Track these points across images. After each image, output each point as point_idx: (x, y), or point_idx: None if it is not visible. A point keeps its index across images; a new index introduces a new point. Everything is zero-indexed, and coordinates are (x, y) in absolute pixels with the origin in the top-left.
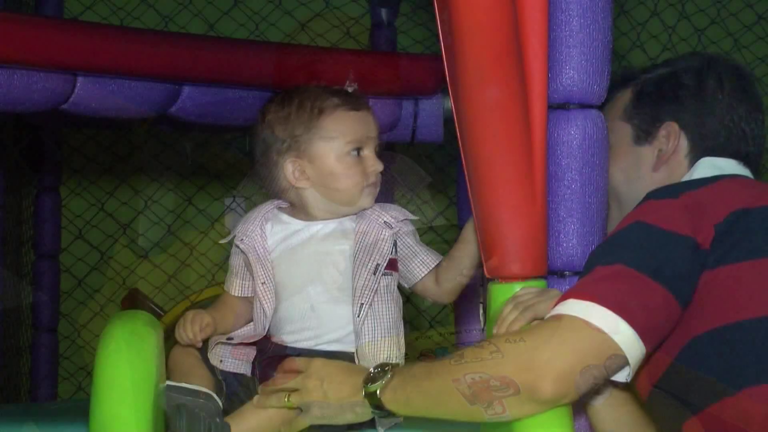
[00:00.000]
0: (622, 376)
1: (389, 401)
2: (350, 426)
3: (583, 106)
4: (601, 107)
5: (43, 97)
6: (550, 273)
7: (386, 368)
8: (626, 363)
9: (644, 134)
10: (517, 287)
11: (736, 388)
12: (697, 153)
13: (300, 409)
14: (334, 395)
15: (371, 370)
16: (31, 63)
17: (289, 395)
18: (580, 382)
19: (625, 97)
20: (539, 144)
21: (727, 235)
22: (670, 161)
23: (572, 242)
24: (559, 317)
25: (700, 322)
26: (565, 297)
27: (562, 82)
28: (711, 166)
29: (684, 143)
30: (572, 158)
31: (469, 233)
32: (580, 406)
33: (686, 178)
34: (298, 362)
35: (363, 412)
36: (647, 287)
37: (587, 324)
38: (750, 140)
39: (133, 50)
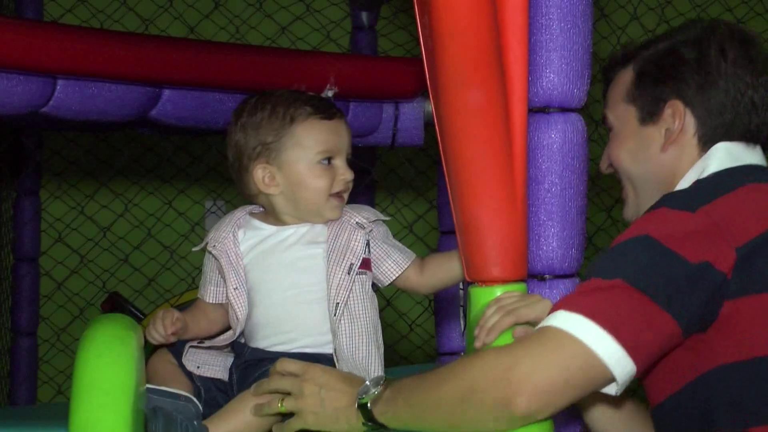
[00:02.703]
0: (611, 390)
1: (380, 414)
2: None
3: (564, 109)
4: (581, 110)
5: (23, 100)
6: (530, 276)
7: (381, 381)
8: (613, 379)
9: (649, 115)
10: (497, 290)
11: (743, 426)
12: (706, 130)
13: (281, 416)
14: (331, 404)
15: (366, 382)
16: (11, 66)
17: (282, 399)
18: (559, 398)
19: (626, 77)
20: (519, 147)
21: (750, 261)
22: (679, 141)
23: (552, 245)
24: (545, 329)
25: (717, 354)
26: (556, 307)
27: (542, 85)
28: (727, 155)
29: (691, 120)
30: (552, 161)
31: None
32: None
33: (699, 166)
34: (295, 365)
35: (356, 425)
36: (644, 306)
37: (571, 337)
38: (760, 108)
39: (114, 53)
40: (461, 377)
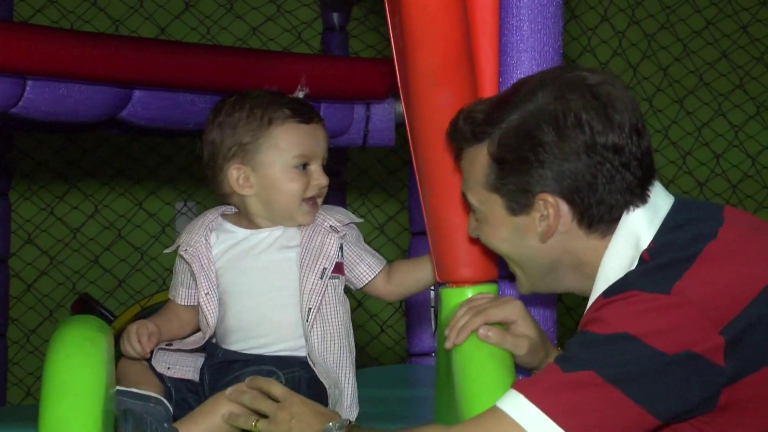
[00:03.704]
0: None
1: None
2: None
3: None
4: None
5: None
6: (501, 277)
7: (345, 424)
8: None
9: (518, 206)
10: (468, 291)
11: None
12: (583, 212)
13: None
14: None
15: (330, 423)
16: None
17: (257, 420)
18: None
19: (481, 159)
20: None
21: (740, 342)
22: (559, 229)
23: None
24: (497, 413)
25: (735, 427)
26: (519, 387)
27: None
28: (649, 215)
29: (565, 207)
30: None
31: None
32: None
33: (626, 240)
34: (280, 390)
35: None
36: (613, 399)
37: (521, 430)
38: (632, 164)
39: (84, 54)
40: None
